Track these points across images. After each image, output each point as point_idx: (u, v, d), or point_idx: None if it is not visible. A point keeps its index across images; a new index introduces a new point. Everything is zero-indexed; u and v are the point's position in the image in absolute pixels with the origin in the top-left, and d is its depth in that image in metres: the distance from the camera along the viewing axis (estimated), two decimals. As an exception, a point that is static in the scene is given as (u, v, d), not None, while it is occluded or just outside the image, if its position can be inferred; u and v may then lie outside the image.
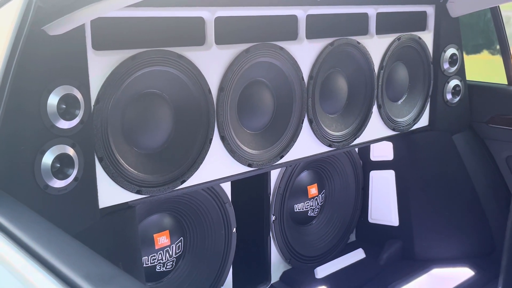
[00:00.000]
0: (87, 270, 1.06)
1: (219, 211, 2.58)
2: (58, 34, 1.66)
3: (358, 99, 2.75)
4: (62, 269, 1.08)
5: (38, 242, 1.18)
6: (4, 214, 1.41)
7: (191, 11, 2.05)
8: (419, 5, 2.91)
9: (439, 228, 3.12)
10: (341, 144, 2.69)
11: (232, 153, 2.25)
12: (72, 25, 1.62)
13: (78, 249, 1.18)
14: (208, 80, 2.11)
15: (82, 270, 1.06)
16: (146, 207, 2.33)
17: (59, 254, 1.13)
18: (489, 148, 3.24)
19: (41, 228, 1.29)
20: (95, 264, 1.10)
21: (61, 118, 1.72)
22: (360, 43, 2.64)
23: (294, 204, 3.03)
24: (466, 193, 3.14)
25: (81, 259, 1.12)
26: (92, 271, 1.06)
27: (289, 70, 2.39)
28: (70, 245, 1.20)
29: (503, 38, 3.18)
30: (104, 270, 1.07)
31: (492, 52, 4.66)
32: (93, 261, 1.12)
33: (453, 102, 3.14)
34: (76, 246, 1.19)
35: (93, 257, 1.13)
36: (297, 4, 2.35)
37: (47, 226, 1.31)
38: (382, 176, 3.23)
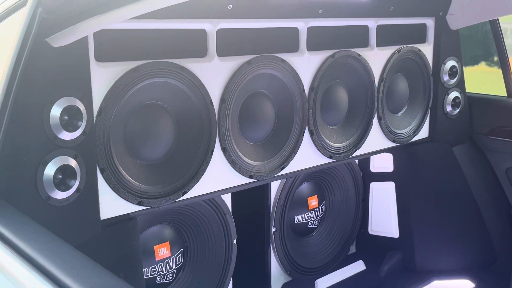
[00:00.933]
0: (91, 282, 1.06)
1: (219, 222, 2.58)
2: (61, 46, 1.67)
3: (359, 110, 2.76)
4: (66, 281, 1.07)
5: (41, 253, 1.18)
6: (7, 225, 1.41)
7: (193, 23, 2.07)
8: (419, 17, 2.93)
9: (440, 240, 3.12)
10: (342, 156, 2.70)
11: (233, 164, 2.26)
12: (75, 36, 1.63)
13: (81, 260, 1.17)
14: (210, 91, 2.12)
15: (86, 282, 1.06)
16: (146, 218, 2.33)
17: (63, 265, 1.13)
18: (489, 160, 3.24)
19: (44, 239, 1.29)
20: (98, 276, 1.10)
21: (63, 129, 1.73)
22: (361, 55, 2.65)
23: (295, 216, 3.03)
24: (466, 205, 3.14)
25: (84, 271, 1.12)
26: (96, 283, 1.06)
27: (290, 82, 2.40)
28: (73, 257, 1.19)
29: (502, 50, 3.19)
30: (108, 282, 1.07)
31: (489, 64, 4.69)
32: (96, 273, 1.12)
33: (453, 114, 3.15)
34: (79, 257, 1.19)
35: (97, 269, 1.13)
36: (298, 17, 2.37)
37: (49, 237, 1.31)
38: (382, 187, 3.24)
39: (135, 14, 1.50)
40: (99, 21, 1.51)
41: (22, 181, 1.67)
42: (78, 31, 1.57)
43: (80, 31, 1.58)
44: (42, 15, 1.50)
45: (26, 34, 1.52)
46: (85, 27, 1.55)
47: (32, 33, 1.52)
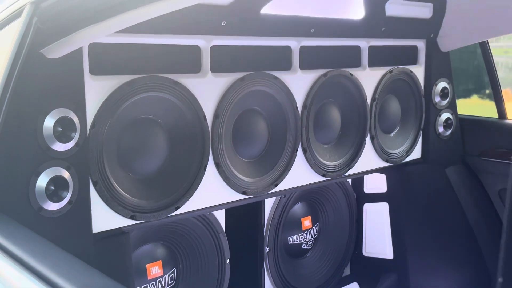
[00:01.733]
0: (83, 281, 1.05)
1: (212, 241, 2.56)
2: (56, 58, 1.69)
3: (351, 130, 2.78)
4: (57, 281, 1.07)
5: (32, 256, 1.17)
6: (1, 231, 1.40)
7: (187, 39, 2.09)
8: (410, 39, 2.97)
9: (434, 261, 3.10)
10: (335, 174, 2.70)
11: (226, 180, 2.26)
12: (70, 48, 1.64)
13: (72, 262, 1.17)
14: (203, 107, 2.13)
15: (77, 281, 1.05)
16: (139, 236, 2.31)
17: (53, 266, 1.12)
18: (482, 181, 3.26)
19: (35, 242, 1.28)
20: (89, 276, 1.09)
21: (57, 140, 1.73)
22: (353, 75, 2.68)
23: (288, 236, 3.01)
24: (460, 226, 3.14)
25: (75, 272, 1.11)
26: (87, 283, 1.05)
27: (283, 100, 2.42)
28: (64, 259, 1.19)
29: (492, 72, 3.24)
30: (99, 281, 1.06)
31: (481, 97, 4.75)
32: (87, 273, 1.11)
33: (445, 135, 3.18)
34: (71, 259, 1.18)
35: (87, 270, 1.12)
36: (291, 35, 2.40)
37: (41, 240, 1.30)
38: (376, 208, 3.23)
39: (129, 24, 1.51)
40: (94, 31, 1.52)
41: (14, 192, 1.67)
42: (73, 41, 1.59)
43: (75, 41, 1.60)
44: (38, 25, 1.51)
45: (21, 43, 1.53)
46: (80, 37, 1.56)
47: (27, 43, 1.53)
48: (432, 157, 3.16)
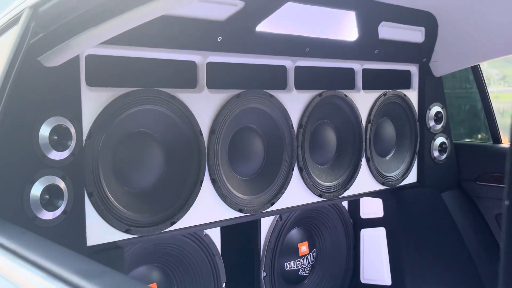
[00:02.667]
0: (78, 267, 1.03)
1: (208, 264, 2.52)
2: (53, 66, 1.70)
3: (347, 151, 2.79)
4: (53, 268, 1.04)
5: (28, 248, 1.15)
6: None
7: (183, 55, 2.11)
8: (403, 63, 3.01)
9: (433, 287, 3.06)
10: (332, 195, 2.69)
11: (222, 197, 2.24)
12: (68, 55, 1.65)
13: (68, 252, 1.14)
14: (199, 122, 2.14)
15: (73, 267, 1.03)
16: (134, 258, 2.27)
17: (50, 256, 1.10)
18: (479, 206, 3.25)
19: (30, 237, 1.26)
20: (86, 263, 1.07)
21: (52, 148, 1.72)
22: (348, 96, 2.70)
23: (285, 262, 2.97)
24: (458, 252, 3.11)
25: (71, 259, 1.09)
26: (83, 268, 1.03)
27: (279, 118, 2.43)
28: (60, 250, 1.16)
29: (485, 96, 3.27)
30: (95, 267, 1.04)
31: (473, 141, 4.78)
32: (83, 261, 1.09)
33: (440, 159, 3.18)
34: (66, 251, 1.16)
35: (84, 259, 1.10)
36: (286, 54, 2.43)
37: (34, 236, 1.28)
38: (373, 234, 3.20)
39: (124, 29, 1.53)
40: (91, 35, 1.54)
41: (8, 199, 1.64)
42: (70, 48, 1.60)
43: (73, 48, 1.61)
44: (36, 29, 1.53)
45: (18, 47, 1.54)
46: (77, 43, 1.57)
47: (24, 47, 1.54)
48: (428, 181, 3.15)
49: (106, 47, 1.87)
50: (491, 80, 3.53)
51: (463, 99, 3.78)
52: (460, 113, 3.86)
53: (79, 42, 1.58)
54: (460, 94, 3.75)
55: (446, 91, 3.24)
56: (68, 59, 1.69)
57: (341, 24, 2.52)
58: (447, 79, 3.39)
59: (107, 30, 1.52)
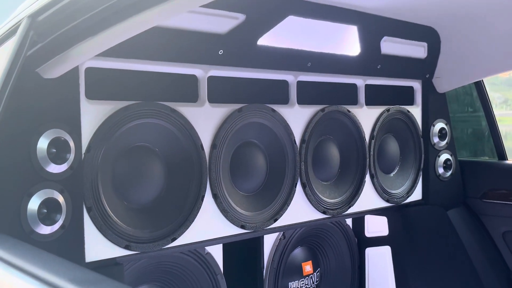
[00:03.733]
0: (73, 275, 0.99)
1: (210, 283, 2.46)
2: (52, 78, 1.67)
3: (351, 167, 2.75)
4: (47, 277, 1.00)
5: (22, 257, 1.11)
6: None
7: (184, 68, 2.09)
8: (406, 79, 2.99)
9: (440, 306, 2.99)
10: (336, 212, 2.65)
11: (224, 212, 2.20)
12: (66, 66, 1.63)
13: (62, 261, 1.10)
14: (200, 136, 2.11)
15: (67, 275, 0.99)
16: (133, 277, 2.22)
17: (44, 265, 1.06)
18: (485, 224, 3.20)
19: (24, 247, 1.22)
20: (80, 272, 1.03)
21: (51, 161, 1.69)
22: (351, 112, 2.67)
23: (289, 282, 2.90)
24: (465, 270, 3.05)
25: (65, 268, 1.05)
26: (78, 276, 0.99)
27: (281, 133, 2.39)
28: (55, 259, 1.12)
29: (490, 114, 3.24)
30: (90, 276, 1.00)
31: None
32: (78, 270, 1.04)
33: (445, 176, 3.14)
34: (61, 260, 1.12)
35: (78, 267, 1.06)
36: (288, 69, 2.41)
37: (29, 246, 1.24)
38: (378, 252, 3.14)
39: (123, 39, 1.51)
40: (90, 45, 1.52)
41: (5, 213, 1.61)
42: (69, 59, 1.58)
43: (71, 59, 1.58)
44: (34, 38, 1.51)
45: (16, 57, 1.52)
46: (76, 53, 1.55)
47: (22, 56, 1.52)
48: (433, 198, 3.11)
49: (106, 59, 1.86)
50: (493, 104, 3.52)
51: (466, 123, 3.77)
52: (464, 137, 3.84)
53: (78, 53, 1.55)
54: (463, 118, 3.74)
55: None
56: (67, 71, 1.67)
57: (343, 38, 2.50)
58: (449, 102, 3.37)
59: (106, 39, 1.50)
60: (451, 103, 3.48)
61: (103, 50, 1.57)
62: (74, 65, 1.66)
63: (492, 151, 3.38)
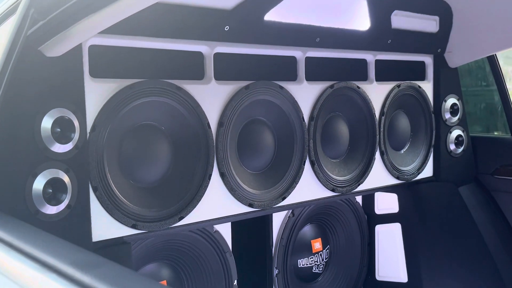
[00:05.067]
0: (73, 258, 0.97)
1: (219, 261, 2.46)
2: (55, 56, 1.65)
3: (360, 144, 2.71)
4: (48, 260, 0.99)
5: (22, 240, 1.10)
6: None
7: (190, 45, 2.06)
8: (417, 54, 2.93)
9: (450, 283, 2.97)
10: (345, 190, 2.62)
11: (232, 191, 2.18)
12: (69, 44, 1.60)
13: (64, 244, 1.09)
14: (207, 114, 2.08)
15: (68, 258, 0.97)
16: (142, 254, 2.22)
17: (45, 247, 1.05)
18: (497, 200, 3.16)
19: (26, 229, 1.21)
20: (82, 254, 1.01)
21: (55, 141, 1.67)
22: (360, 88, 2.63)
23: (298, 259, 2.90)
24: (476, 247, 3.02)
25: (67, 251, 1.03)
26: (79, 259, 0.97)
27: (290, 110, 2.36)
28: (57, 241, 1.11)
29: (503, 88, 3.18)
30: (92, 258, 0.99)
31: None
32: (80, 252, 1.03)
33: (456, 152, 3.09)
34: (63, 242, 1.10)
35: (81, 250, 1.05)
36: (296, 45, 2.36)
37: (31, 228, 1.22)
38: (388, 230, 3.12)
39: (125, 16, 1.47)
40: (92, 22, 1.48)
41: (10, 193, 1.60)
42: (71, 36, 1.55)
43: (74, 36, 1.55)
44: (35, 16, 1.48)
45: (16, 36, 1.49)
46: (78, 31, 1.52)
47: (22, 35, 1.49)
48: (444, 175, 3.07)
49: (110, 37, 1.83)
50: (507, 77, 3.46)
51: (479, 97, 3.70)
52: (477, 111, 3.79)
53: (80, 30, 1.52)
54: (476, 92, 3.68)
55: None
56: (70, 49, 1.64)
57: (352, 13, 2.45)
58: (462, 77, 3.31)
59: (108, 16, 1.46)
60: (463, 77, 3.42)
61: (106, 27, 1.54)
62: (77, 42, 1.62)
63: (505, 126, 3.33)
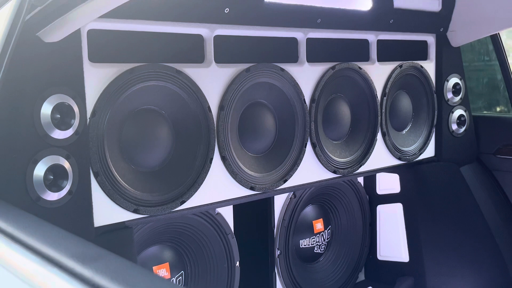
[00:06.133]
0: (73, 250, 0.97)
1: (221, 242, 2.47)
2: (53, 42, 1.63)
3: (362, 126, 2.70)
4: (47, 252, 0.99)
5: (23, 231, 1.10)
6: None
7: (190, 28, 2.03)
8: (420, 34, 2.90)
9: (452, 263, 2.99)
10: (346, 171, 2.62)
11: (233, 174, 2.18)
12: (68, 29, 1.59)
13: (65, 235, 1.09)
14: (207, 97, 2.06)
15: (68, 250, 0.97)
16: (144, 237, 2.23)
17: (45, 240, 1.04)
18: (498, 180, 3.16)
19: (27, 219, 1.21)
20: (83, 247, 1.01)
21: (55, 127, 1.66)
22: (362, 69, 2.61)
23: (300, 240, 2.91)
24: (477, 226, 3.03)
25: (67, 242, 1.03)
26: (79, 251, 0.97)
27: (291, 92, 2.34)
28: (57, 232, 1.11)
29: (505, 67, 3.16)
30: (91, 250, 0.98)
31: (491, 114, 4.71)
32: (81, 244, 1.03)
33: (458, 132, 3.08)
34: (64, 233, 1.10)
35: (82, 242, 1.05)
36: (297, 26, 2.34)
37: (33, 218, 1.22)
38: (389, 210, 3.13)
39: (123, 1, 1.45)
40: (91, 7, 1.47)
41: (11, 180, 1.59)
42: (70, 22, 1.53)
43: (72, 22, 1.54)
44: (32, 1, 1.46)
45: (14, 22, 1.47)
46: (77, 16, 1.51)
47: (20, 21, 1.47)
48: (446, 155, 3.06)
49: (109, 21, 1.80)
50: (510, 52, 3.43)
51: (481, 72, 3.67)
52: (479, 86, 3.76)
53: (78, 15, 1.51)
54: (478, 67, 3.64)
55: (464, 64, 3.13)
56: (68, 34, 1.62)
57: (354, -7, 2.42)
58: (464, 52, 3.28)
59: (107, 1, 1.45)
60: (465, 52, 3.38)
61: (104, 12, 1.52)
62: (75, 28, 1.61)
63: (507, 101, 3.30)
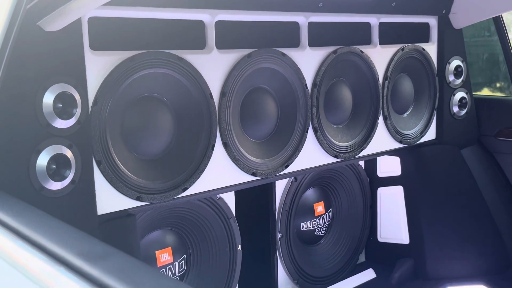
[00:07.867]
0: (80, 248, 0.98)
1: (223, 226, 2.49)
2: (54, 31, 1.62)
3: (364, 109, 2.70)
4: (54, 249, 1.00)
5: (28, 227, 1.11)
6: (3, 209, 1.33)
7: (191, 14, 2.02)
8: (422, 16, 2.88)
9: (452, 245, 3.01)
10: (348, 155, 2.62)
11: (235, 161, 2.18)
12: (68, 19, 1.57)
13: (71, 231, 1.10)
14: (209, 84, 2.06)
15: (75, 248, 0.98)
16: (147, 223, 2.24)
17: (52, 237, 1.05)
18: (499, 162, 3.16)
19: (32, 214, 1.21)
20: (89, 243, 1.02)
21: (57, 117, 1.66)
22: (364, 52, 2.60)
23: (301, 223, 2.93)
24: (478, 208, 3.05)
25: (74, 239, 1.04)
26: (86, 249, 0.98)
27: (292, 77, 2.34)
28: (63, 229, 1.12)
29: (507, 48, 3.14)
30: (98, 248, 0.99)
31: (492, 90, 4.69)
32: (87, 240, 1.04)
33: (460, 115, 3.08)
34: (70, 229, 1.11)
35: (88, 238, 1.05)
36: (299, 10, 2.32)
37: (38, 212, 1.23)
38: (390, 192, 3.14)
39: None
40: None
41: (14, 170, 1.60)
42: (70, 11, 1.52)
43: (73, 11, 1.52)
44: (32, -8, 1.45)
45: (15, 12, 1.46)
46: (77, 5, 1.49)
47: (21, 11, 1.46)
48: (447, 138, 3.07)
49: (109, 8, 1.79)
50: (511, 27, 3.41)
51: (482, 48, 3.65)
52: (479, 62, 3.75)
53: (79, 4, 1.49)
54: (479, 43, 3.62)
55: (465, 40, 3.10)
56: (69, 23, 1.61)
57: (356, -24, 2.39)
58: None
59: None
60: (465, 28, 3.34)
61: (105, 1, 1.51)
62: (76, 17, 1.59)
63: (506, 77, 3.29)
